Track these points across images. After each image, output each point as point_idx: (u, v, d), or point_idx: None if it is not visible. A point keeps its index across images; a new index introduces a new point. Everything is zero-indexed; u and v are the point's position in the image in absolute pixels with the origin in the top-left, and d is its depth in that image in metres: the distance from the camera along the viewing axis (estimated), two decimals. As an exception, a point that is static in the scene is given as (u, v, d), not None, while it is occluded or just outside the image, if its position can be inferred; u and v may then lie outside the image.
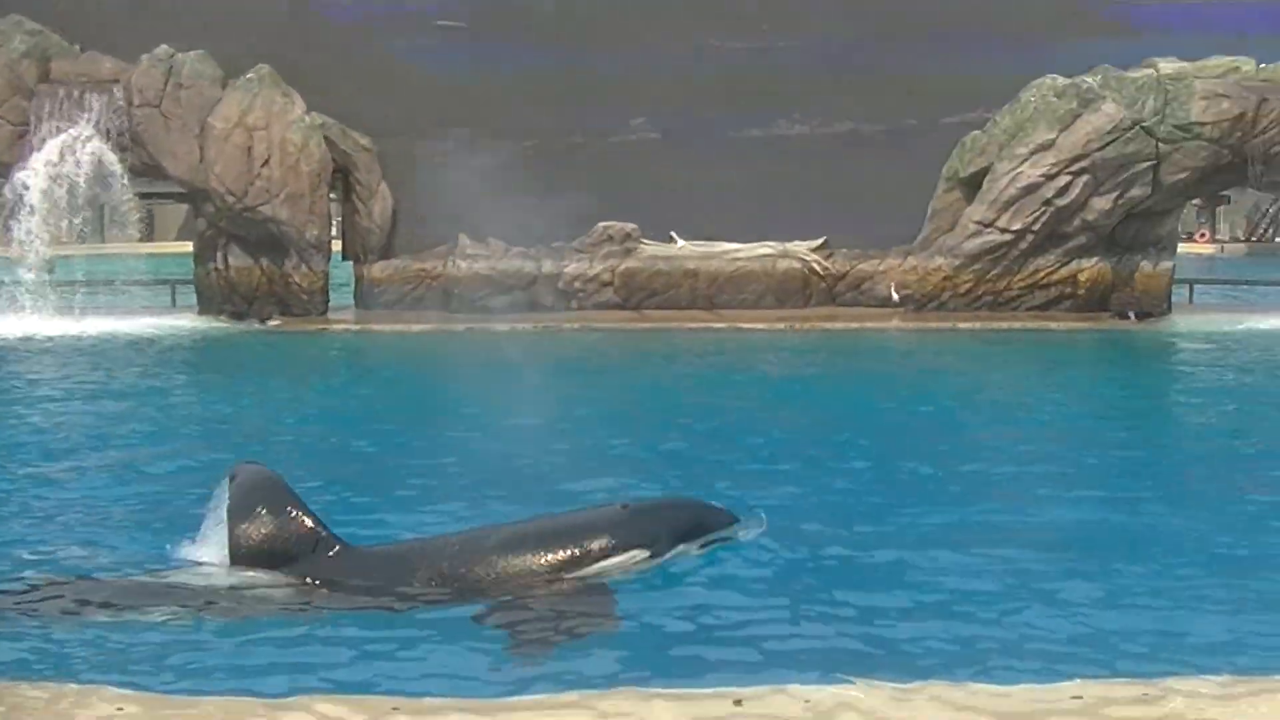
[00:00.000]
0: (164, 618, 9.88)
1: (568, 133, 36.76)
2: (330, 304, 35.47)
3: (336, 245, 36.92)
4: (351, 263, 36.50)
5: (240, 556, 10.45)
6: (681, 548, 10.92)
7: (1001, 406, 23.05)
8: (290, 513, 10.55)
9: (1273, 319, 36.42)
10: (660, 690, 7.77)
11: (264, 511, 10.53)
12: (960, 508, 14.01)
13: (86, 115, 34.05)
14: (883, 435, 19.47)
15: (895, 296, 36.25)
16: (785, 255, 36.67)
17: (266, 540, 10.43)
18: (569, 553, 10.46)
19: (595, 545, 10.54)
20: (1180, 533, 13.16)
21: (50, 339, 30.59)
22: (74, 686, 7.66)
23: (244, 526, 10.47)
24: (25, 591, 10.41)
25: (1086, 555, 12.12)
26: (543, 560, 10.41)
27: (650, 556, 10.67)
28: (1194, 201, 58.62)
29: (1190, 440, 20.20)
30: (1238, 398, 24.95)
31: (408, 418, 20.59)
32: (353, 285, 36.45)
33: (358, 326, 33.97)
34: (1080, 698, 7.58)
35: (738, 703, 7.51)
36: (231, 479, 10.68)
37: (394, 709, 7.08)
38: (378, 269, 35.77)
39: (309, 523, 10.55)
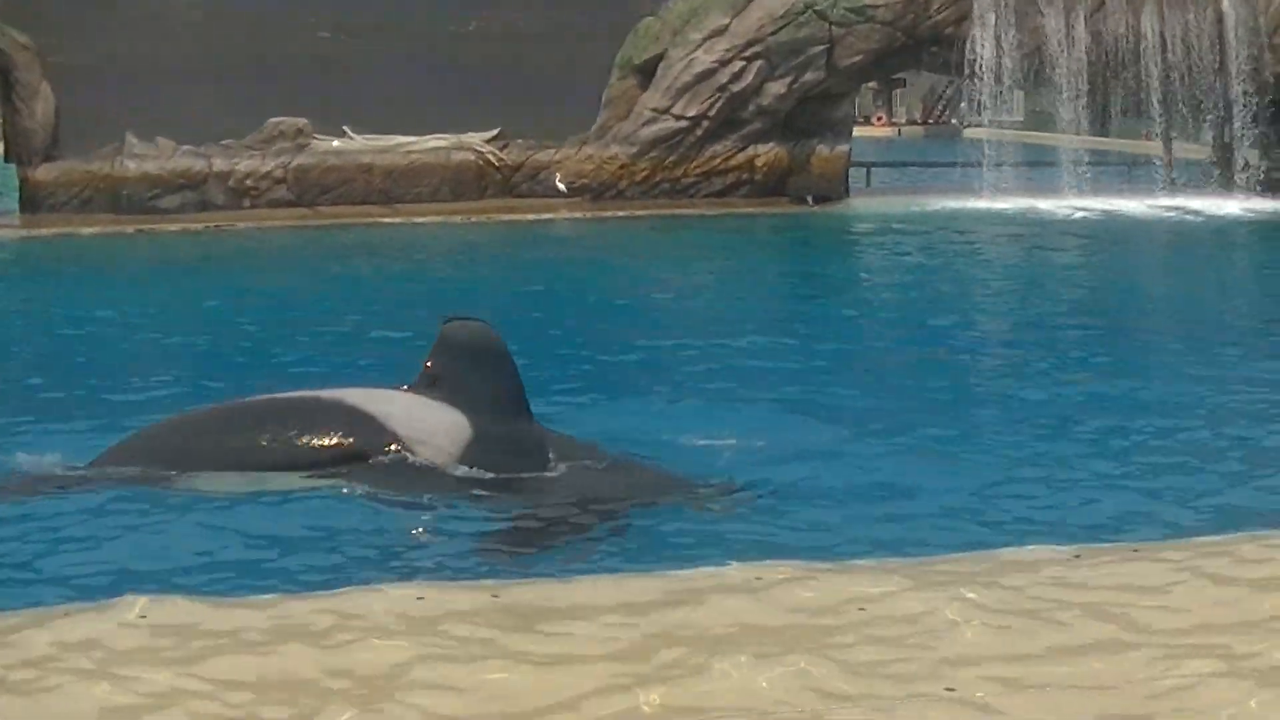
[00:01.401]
0: None
1: (235, 28, 36.41)
2: (-1, 209, 34.89)
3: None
4: (15, 166, 35.76)
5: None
6: None
7: (693, 291, 24.05)
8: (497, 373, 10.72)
9: (947, 199, 38.22)
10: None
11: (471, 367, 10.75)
12: (648, 393, 14.88)
13: None
14: (572, 324, 20.23)
15: (562, 187, 36.77)
16: (460, 147, 37.06)
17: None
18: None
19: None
20: (874, 407, 14.21)
21: None
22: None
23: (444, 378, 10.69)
24: None
25: (782, 431, 13.02)
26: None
27: None
28: (870, 84, 60.30)
29: (876, 320, 21.48)
30: (915, 276, 26.47)
31: (63, 320, 20.71)
32: (18, 189, 35.76)
33: (23, 231, 33.48)
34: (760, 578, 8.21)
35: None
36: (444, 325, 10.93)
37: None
38: (43, 172, 35.23)
39: (513, 389, 10.73)
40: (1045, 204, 37.12)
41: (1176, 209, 37.24)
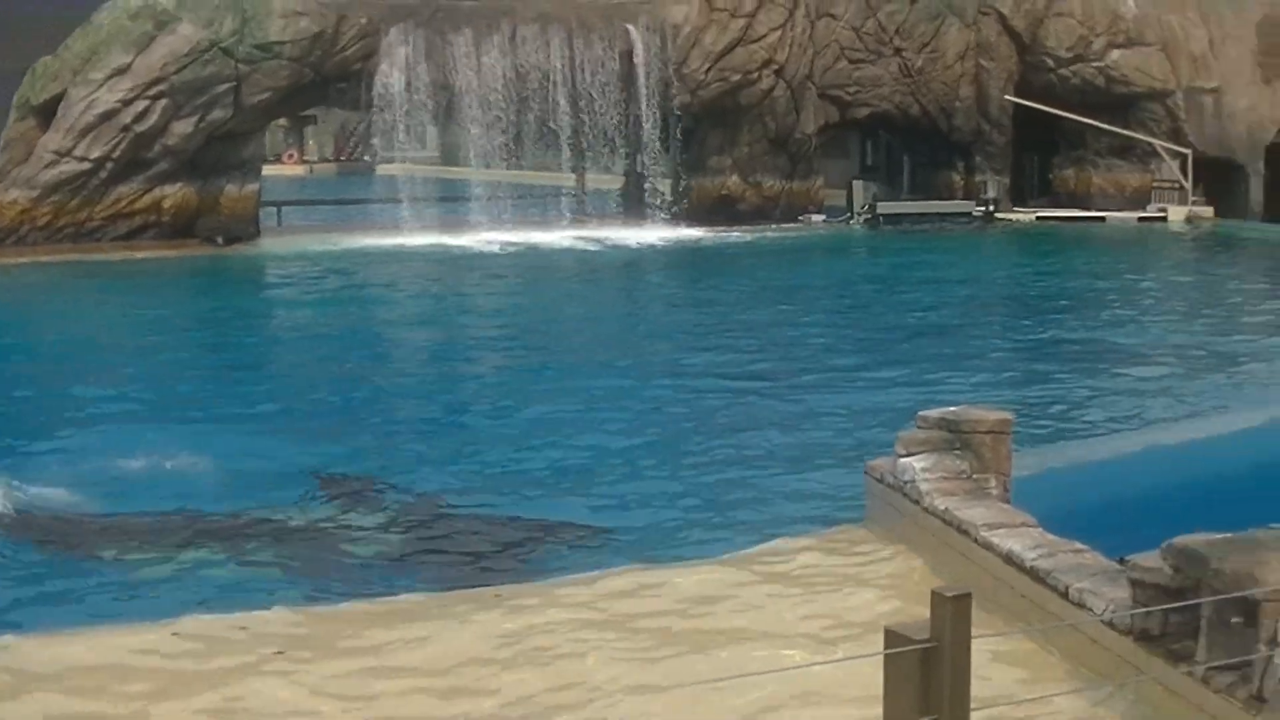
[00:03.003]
0: None
1: None
2: None
3: None
4: None
5: None
6: None
7: (96, 342, 24.82)
8: None
9: (361, 237, 39.79)
10: None
11: None
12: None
13: None
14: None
15: None
16: None
17: None
18: None
19: None
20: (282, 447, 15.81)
21: None
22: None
23: None
24: None
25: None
26: None
27: None
28: (280, 122, 61.51)
29: (288, 357, 22.91)
30: (327, 311, 28.01)
31: None
32: None
33: None
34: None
35: None
36: None
37: None
38: None
39: None
40: (460, 238, 39.17)
41: (589, 239, 39.87)
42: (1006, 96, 46.13)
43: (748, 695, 7.20)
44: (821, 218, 44.52)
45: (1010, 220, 45.61)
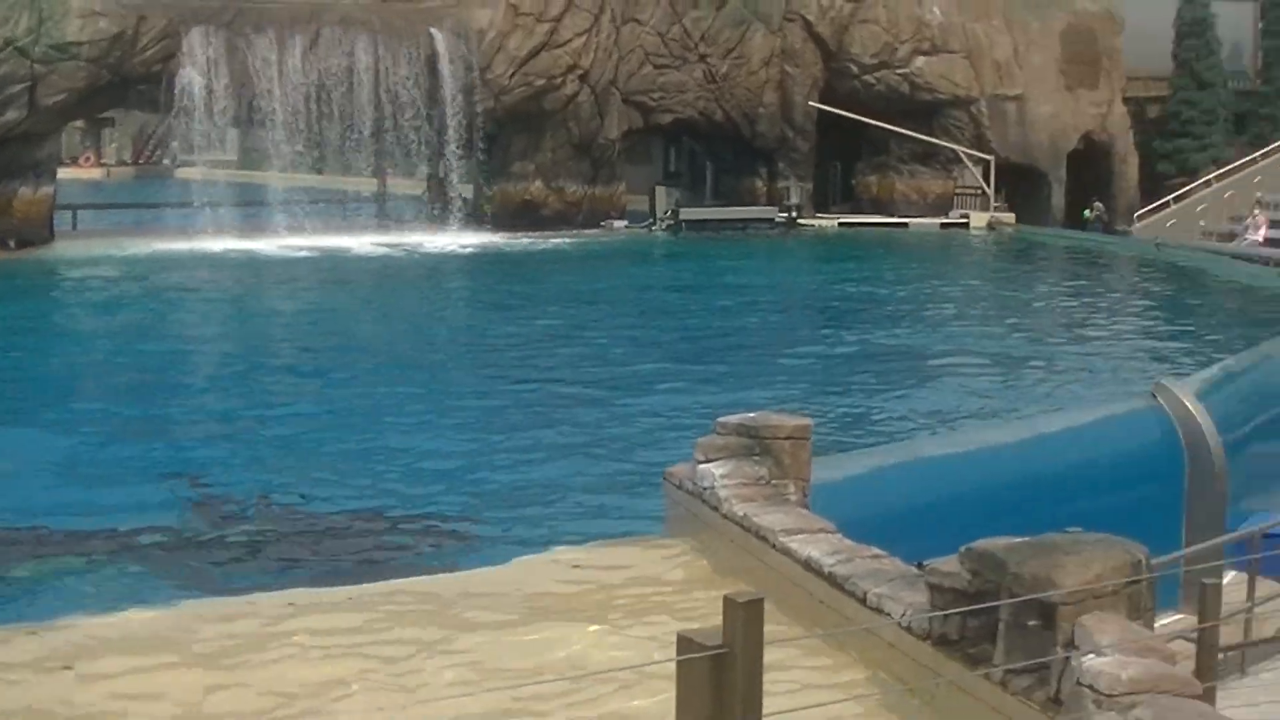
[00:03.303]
0: None
1: None
2: None
3: None
4: None
5: None
6: None
7: None
8: None
9: (159, 241, 39.17)
10: None
11: None
12: None
13: None
14: None
15: None
16: None
17: None
18: None
19: None
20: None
21: None
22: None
23: None
24: None
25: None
26: None
27: None
28: (77, 124, 60.62)
29: (94, 365, 22.49)
30: (121, 317, 27.53)
31: None
32: None
33: None
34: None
35: None
36: None
37: None
38: None
39: None
40: (259, 243, 38.67)
41: (391, 244, 39.62)
42: (811, 103, 46.52)
43: (539, 700, 7.10)
44: (624, 223, 44.60)
45: (813, 226, 46.05)
